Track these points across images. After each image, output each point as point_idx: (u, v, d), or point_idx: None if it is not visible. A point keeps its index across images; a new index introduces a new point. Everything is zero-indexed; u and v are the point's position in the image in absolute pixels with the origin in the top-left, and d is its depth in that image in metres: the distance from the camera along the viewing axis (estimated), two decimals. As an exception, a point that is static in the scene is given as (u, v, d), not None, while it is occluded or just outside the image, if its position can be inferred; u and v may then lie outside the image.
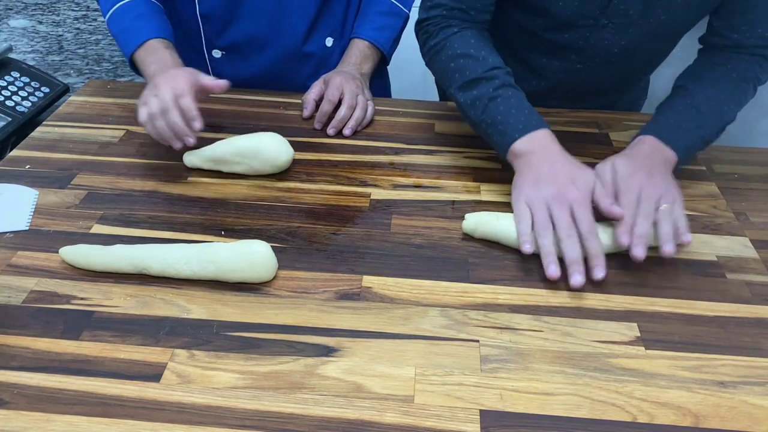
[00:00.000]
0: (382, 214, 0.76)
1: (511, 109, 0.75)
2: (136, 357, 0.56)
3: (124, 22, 0.91)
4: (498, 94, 0.76)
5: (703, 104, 0.77)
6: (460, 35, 0.82)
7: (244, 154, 0.79)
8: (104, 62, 1.81)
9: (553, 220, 0.67)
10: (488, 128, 0.77)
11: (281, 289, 0.65)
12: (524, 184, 0.71)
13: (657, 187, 0.70)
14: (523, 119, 0.74)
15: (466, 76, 0.78)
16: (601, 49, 0.89)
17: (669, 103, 0.80)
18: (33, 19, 1.72)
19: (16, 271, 0.65)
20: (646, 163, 0.72)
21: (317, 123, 0.91)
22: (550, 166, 0.71)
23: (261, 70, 1.05)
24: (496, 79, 0.77)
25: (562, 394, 0.54)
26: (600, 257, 0.65)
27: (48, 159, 0.84)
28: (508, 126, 0.74)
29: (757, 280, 0.68)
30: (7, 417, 0.51)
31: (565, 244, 0.65)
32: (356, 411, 0.52)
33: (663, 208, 0.68)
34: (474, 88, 0.78)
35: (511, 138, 0.74)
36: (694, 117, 0.77)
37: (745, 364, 0.58)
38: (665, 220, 0.68)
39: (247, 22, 1.00)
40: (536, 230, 0.67)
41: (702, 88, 0.79)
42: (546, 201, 0.68)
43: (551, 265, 0.65)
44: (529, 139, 0.73)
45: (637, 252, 0.65)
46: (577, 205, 0.67)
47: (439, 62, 0.84)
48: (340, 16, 1.06)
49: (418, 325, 0.61)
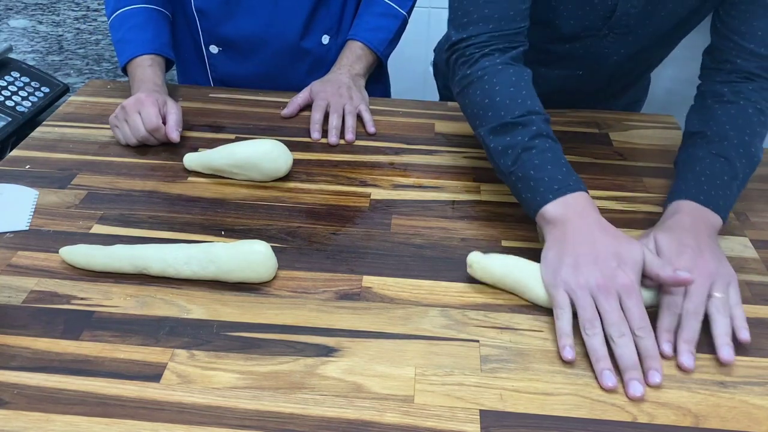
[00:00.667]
0: (382, 214, 0.76)
1: (547, 164, 0.66)
2: (136, 357, 0.56)
3: (120, 31, 0.95)
4: (534, 145, 0.67)
5: (730, 151, 0.69)
6: (503, 70, 0.72)
7: (243, 167, 0.78)
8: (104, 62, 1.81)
9: (600, 313, 0.57)
10: (518, 182, 0.67)
11: (281, 289, 0.65)
12: (561, 262, 0.61)
13: (707, 270, 0.61)
14: (559, 178, 0.65)
15: (501, 118, 0.69)
16: (601, 57, 0.88)
17: (691, 157, 0.72)
18: (33, 19, 1.72)
19: (16, 271, 0.65)
20: (691, 237, 0.63)
21: (314, 132, 0.91)
22: (590, 242, 0.61)
23: (258, 67, 1.05)
24: (533, 125, 0.68)
25: (562, 394, 0.54)
26: (657, 359, 0.55)
27: (48, 159, 0.84)
28: (541, 184, 0.65)
29: (757, 280, 0.67)
30: (7, 417, 0.51)
31: (617, 345, 0.55)
32: (356, 411, 0.52)
33: (718, 297, 0.59)
34: (507, 134, 0.68)
35: (544, 199, 0.64)
36: (725, 168, 0.68)
37: (745, 364, 0.58)
38: (720, 313, 0.59)
39: (242, 18, 1.01)
40: (583, 327, 0.57)
41: (723, 133, 0.71)
42: (590, 289, 0.58)
43: (606, 372, 0.55)
44: (564, 204, 0.64)
45: (686, 361, 0.56)
46: (627, 294, 0.57)
47: (471, 96, 0.73)
48: (336, 14, 1.06)
49: (418, 325, 0.61)
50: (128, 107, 0.84)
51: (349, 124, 0.91)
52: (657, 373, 0.55)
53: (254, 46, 1.03)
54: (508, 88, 0.71)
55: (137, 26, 0.95)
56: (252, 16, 1.00)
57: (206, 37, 1.04)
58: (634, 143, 0.91)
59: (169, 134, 0.83)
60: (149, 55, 0.93)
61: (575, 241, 0.61)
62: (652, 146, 0.91)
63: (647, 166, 0.86)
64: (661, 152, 0.89)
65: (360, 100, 0.96)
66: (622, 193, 0.80)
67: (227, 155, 0.79)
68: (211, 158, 0.79)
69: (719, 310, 0.59)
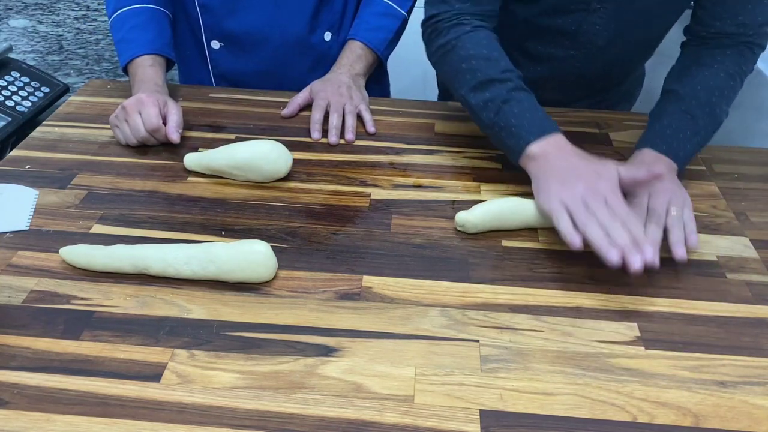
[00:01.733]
0: (382, 214, 0.76)
1: (525, 112, 0.74)
2: (136, 357, 0.56)
3: (121, 31, 0.95)
4: (512, 97, 0.75)
5: (696, 109, 0.78)
6: (473, 35, 0.80)
7: (243, 168, 0.78)
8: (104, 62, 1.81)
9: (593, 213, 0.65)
10: (501, 131, 0.75)
11: (281, 289, 0.65)
12: (550, 184, 0.69)
13: (666, 192, 0.71)
14: (537, 123, 0.74)
15: (478, 78, 0.77)
16: (593, 34, 0.90)
17: (663, 111, 0.80)
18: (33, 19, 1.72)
19: (16, 271, 0.65)
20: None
21: (314, 132, 0.91)
22: (571, 165, 0.70)
23: (259, 64, 1.05)
24: (509, 81, 0.76)
25: (562, 394, 0.54)
26: (645, 240, 0.63)
27: (48, 159, 0.84)
28: (522, 129, 0.73)
29: (757, 280, 0.68)
30: (7, 417, 0.51)
31: (612, 232, 0.63)
32: (356, 411, 0.52)
33: (674, 214, 0.69)
34: (487, 90, 0.76)
35: (526, 141, 0.72)
36: (690, 124, 0.77)
37: (745, 364, 0.58)
38: (675, 225, 0.69)
39: (245, 14, 1.01)
40: (580, 225, 0.64)
41: (693, 93, 0.79)
42: (581, 197, 0.66)
43: (612, 250, 0.61)
44: (545, 143, 0.72)
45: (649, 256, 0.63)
46: (610, 196, 0.66)
47: (449, 63, 0.81)
48: (338, 11, 1.07)
49: (418, 325, 0.61)
50: (129, 107, 0.84)
51: (349, 123, 0.91)
52: (651, 248, 0.62)
53: (256, 42, 1.04)
54: (481, 50, 0.79)
55: (138, 26, 0.95)
56: (255, 11, 1.01)
57: (208, 33, 1.04)
58: (634, 143, 0.91)
59: (169, 135, 0.83)
60: (150, 55, 0.93)
61: (559, 167, 0.70)
62: (652, 146, 0.91)
63: (647, 166, 0.86)
64: (661, 152, 0.89)
65: (360, 100, 0.96)
66: (622, 193, 0.80)
67: (227, 157, 0.79)
68: (211, 159, 0.79)
69: (674, 224, 0.69)
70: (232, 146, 0.79)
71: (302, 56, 1.06)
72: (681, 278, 0.67)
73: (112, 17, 0.97)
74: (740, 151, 0.95)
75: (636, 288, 0.66)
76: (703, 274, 0.68)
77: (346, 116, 0.92)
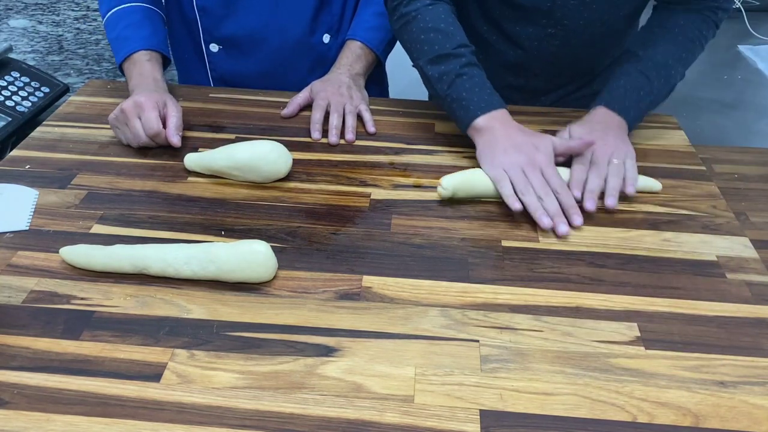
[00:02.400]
0: (382, 214, 0.76)
1: (475, 87, 0.82)
2: (136, 357, 0.56)
3: (116, 29, 0.95)
4: (464, 72, 0.82)
5: (652, 71, 0.84)
6: (433, 9, 0.86)
7: (242, 169, 0.78)
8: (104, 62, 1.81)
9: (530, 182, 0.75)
10: (453, 103, 0.83)
11: (281, 289, 0.65)
12: (494, 153, 0.78)
13: (609, 146, 0.79)
14: (486, 98, 0.82)
15: (436, 51, 0.84)
16: (567, 11, 0.92)
17: (621, 71, 0.87)
18: (33, 19, 1.72)
19: (16, 271, 0.65)
20: (600, 127, 0.81)
21: (315, 132, 0.91)
22: (512, 138, 0.79)
23: (258, 66, 1.05)
24: (463, 57, 0.83)
25: (562, 394, 0.54)
26: (575, 207, 0.74)
27: (48, 159, 0.84)
28: (471, 103, 0.81)
29: (757, 280, 0.68)
30: (7, 417, 0.51)
31: (545, 201, 0.73)
32: (356, 411, 0.52)
33: (615, 164, 0.77)
34: (442, 63, 0.83)
35: (474, 114, 0.81)
36: (644, 84, 0.84)
37: (745, 364, 0.58)
38: (614, 175, 0.77)
39: (244, 17, 1.01)
40: (519, 191, 0.74)
41: (651, 55, 0.85)
42: (520, 166, 0.76)
43: (544, 217, 0.72)
44: (490, 117, 0.81)
45: (588, 205, 0.75)
46: (545, 167, 0.76)
47: (409, 32, 0.87)
48: (337, 13, 1.06)
49: (418, 325, 0.61)
50: (128, 111, 0.83)
51: (350, 123, 0.91)
52: (578, 217, 0.73)
53: (255, 44, 1.03)
54: (439, 24, 0.85)
55: (133, 24, 0.94)
56: (253, 13, 1.00)
57: (206, 36, 1.04)
58: (634, 143, 0.91)
59: (169, 139, 0.83)
60: (147, 50, 0.93)
61: (501, 139, 0.79)
62: (652, 146, 0.91)
63: (647, 166, 0.86)
64: (661, 152, 0.89)
65: (360, 100, 0.96)
66: (622, 192, 0.80)
67: (227, 157, 0.78)
68: (211, 160, 0.79)
69: (613, 173, 0.77)
70: (232, 146, 0.79)
71: (301, 58, 1.06)
72: (681, 278, 0.67)
73: (106, 17, 0.96)
74: (740, 151, 0.95)
75: (636, 288, 0.66)
76: (703, 274, 0.68)
77: (346, 116, 0.92)
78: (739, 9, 2.24)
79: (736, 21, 2.22)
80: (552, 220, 0.72)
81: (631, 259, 0.70)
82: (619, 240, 0.72)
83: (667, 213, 0.77)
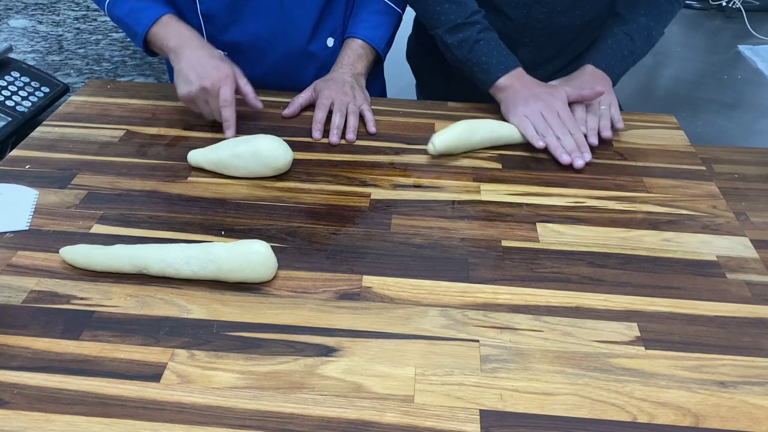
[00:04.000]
0: (382, 214, 0.76)
1: (493, 51, 0.93)
2: (136, 357, 0.56)
3: (125, 6, 0.93)
4: (481, 38, 0.93)
5: (635, 32, 0.94)
6: None
7: (243, 158, 0.79)
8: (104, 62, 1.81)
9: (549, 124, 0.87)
10: (474, 66, 0.94)
11: (281, 289, 0.65)
12: (517, 104, 0.90)
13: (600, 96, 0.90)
14: (503, 60, 0.93)
15: (452, 21, 0.94)
16: None
17: (608, 32, 0.97)
18: (33, 19, 1.72)
19: (16, 271, 0.65)
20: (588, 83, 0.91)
21: (316, 132, 0.91)
22: (531, 89, 0.91)
23: (263, 72, 1.04)
24: (478, 24, 0.94)
25: (562, 394, 0.54)
26: (586, 145, 0.87)
27: (48, 159, 0.84)
28: (491, 66, 0.92)
29: (757, 280, 0.68)
30: (7, 417, 0.51)
31: (563, 140, 0.86)
32: (356, 411, 0.52)
33: (602, 107, 0.90)
34: (460, 32, 0.94)
35: (495, 76, 0.92)
36: (628, 45, 0.94)
37: (745, 364, 0.58)
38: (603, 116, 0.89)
39: (248, 23, 1.00)
40: (540, 133, 0.87)
41: (635, 17, 0.95)
42: (540, 111, 0.88)
43: (563, 155, 0.84)
44: (510, 76, 0.92)
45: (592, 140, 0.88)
46: (562, 110, 0.88)
47: (424, 4, 0.97)
48: (340, 17, 1.06)
49: (418, 325, 0.61)
50: (210, 88, 0.86)
51: (351, 124, 0.91)
52: (588, 154, 0.85)
53: (260, 51, 1.02)
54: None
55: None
56: (258, 20, 0.99)
57: (211, 43, 1.03)
58: (634, 143, 0.91)
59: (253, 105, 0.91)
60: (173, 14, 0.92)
61: (522, 92, 0.91)
62: (652, 146, 0.91)
63: (647, 166, 0.86)
64: (661, 152, 0.89)
65: (363, 100, 0.96)
66: (623, 193, 0.80)
67: (228, 147, 0.80)
68: (214, 151, 0.81)
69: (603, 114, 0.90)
70: (234, 139, 0.82)
71: (306, 64, 1.05)
72: (681, 278, 0.67)
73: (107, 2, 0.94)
74: (740, 151, 0.95)
75: (636, 288, 0.66)
76: (703, 274, 0.68)
77: (348, 116, 0.92)
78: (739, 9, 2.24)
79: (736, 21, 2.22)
80: (570, 155, 0.84)
81: (631, 259, 0.70)
82: (619, 240, 0.72)
83: (667, 213, 0.77)
